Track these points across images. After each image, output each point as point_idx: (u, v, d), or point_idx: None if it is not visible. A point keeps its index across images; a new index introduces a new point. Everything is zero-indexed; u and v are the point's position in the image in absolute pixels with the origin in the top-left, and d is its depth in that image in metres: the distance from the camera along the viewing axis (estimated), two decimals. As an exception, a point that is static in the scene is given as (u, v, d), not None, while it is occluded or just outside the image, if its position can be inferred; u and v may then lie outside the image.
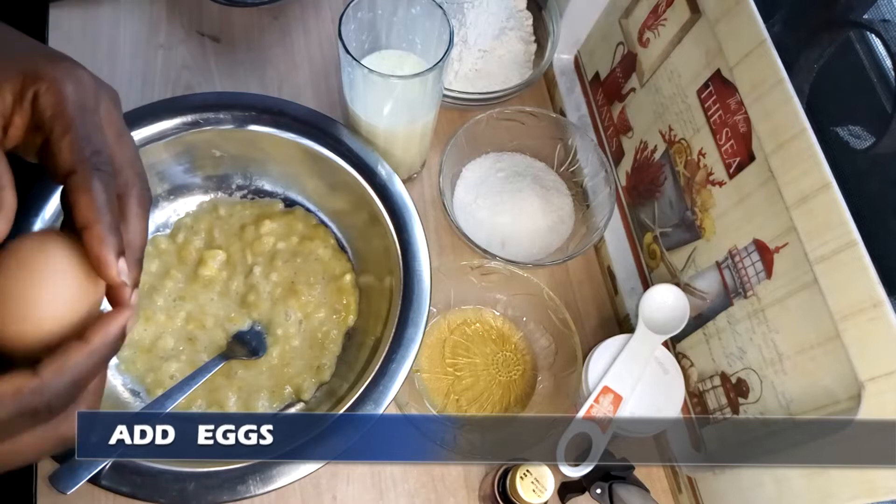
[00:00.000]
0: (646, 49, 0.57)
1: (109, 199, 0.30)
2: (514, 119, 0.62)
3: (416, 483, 0.53)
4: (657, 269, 0.57)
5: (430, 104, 0.54)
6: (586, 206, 0.62)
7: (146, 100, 0.54)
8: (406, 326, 0.48)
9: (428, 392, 0.56)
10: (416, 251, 0.51)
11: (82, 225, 0.30)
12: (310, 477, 0.44)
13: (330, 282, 0.57)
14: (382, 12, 0.52)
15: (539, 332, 0.58)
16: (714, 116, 0.49)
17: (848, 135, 0.50)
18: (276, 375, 0.53)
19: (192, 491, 0.42)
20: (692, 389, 0.52)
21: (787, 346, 0.43)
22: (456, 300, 0.59)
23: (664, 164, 0.55)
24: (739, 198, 0.47)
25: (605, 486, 0.48)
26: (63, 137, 0.31)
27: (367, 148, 0.54)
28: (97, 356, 0.29)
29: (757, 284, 0.45)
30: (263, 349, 0.54)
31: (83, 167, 0.30)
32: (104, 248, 0.29)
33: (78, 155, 0.30)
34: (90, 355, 0.28)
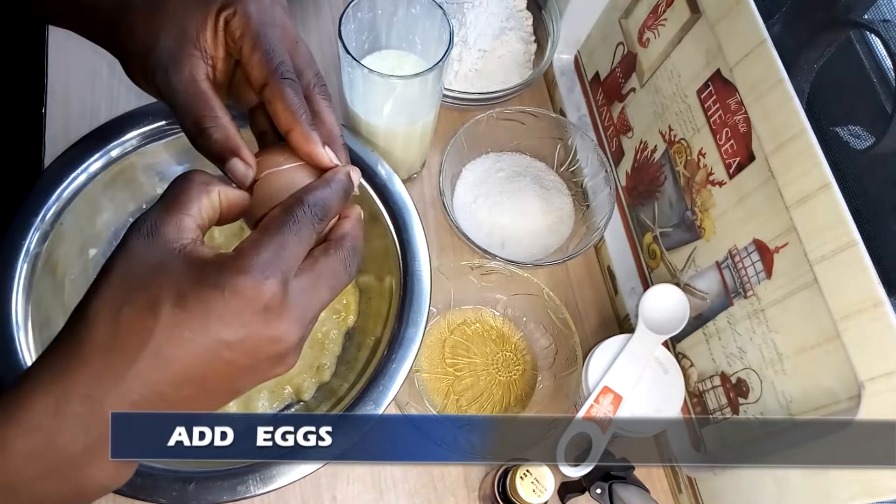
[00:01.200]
0: (646, 49, 0.57)
1: (301, 102, 0.35)
2: (514, 119, 0.62)
3: (416, 483, 0.53)
4: (657, 269, 0.57)
5: (430, 104, 0.54)
6: (586, 206, 0.62)
7: (146, 100, 0.54)
8: (406, 326, 0.48)
9: (428, 392, 0.56)
10: (416, 251, 0.51)
11: (286, 130, 0.35)
12: (310, 477, 0.44)
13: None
14: (382, 12, 0.52)
15: (539, 332, 0.58)
16: (714, 116, 0.49)
17: (848, 135, 0.50)
18: (276, 375, 0.53)
19: (192, 491, 0.42)
20: (692, 389, 0.52)
21: (787, 346, 0.43)
22: (456, 300, 0.59)
23: (664, 164, 0.55)
24: (739, 198, 0.47)
25: (605, 486, 0.48)
26: (252, 55, 0.35)
27: (367, 148, 0.54)
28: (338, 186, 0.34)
29: (757, 284, 0.45)
30: None
31: (274, 79, 0.35)
32: (310, 143, 0.35)
33: (268, 67, 0.35)
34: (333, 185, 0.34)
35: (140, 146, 0.52)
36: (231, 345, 0.28)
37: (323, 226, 0.33)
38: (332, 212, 0.33)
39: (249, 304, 0.28)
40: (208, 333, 0.28)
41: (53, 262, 0.49)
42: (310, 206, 0.32)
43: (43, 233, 0.48)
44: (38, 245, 0.48)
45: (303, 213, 0.31)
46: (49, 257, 0.49)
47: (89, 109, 0.64)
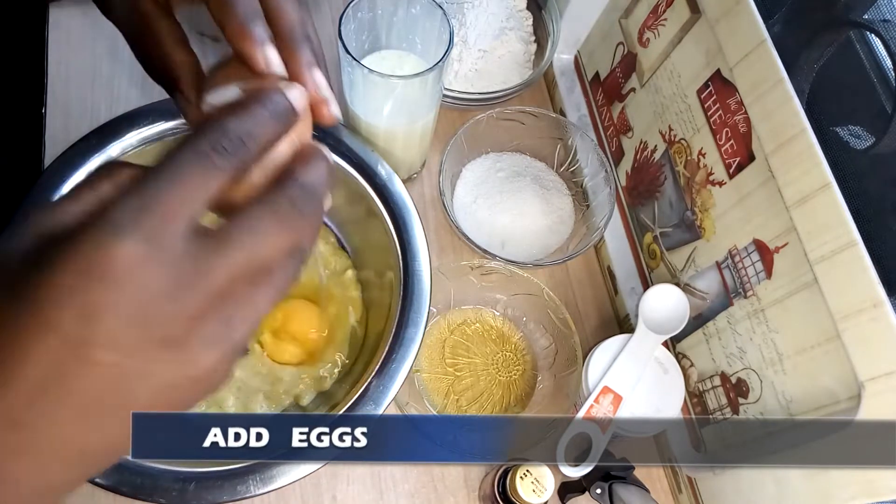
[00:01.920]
0: (646, 49, 0.57)
1: None
2: (514, 119, 0.62)
3: (416, 483, 0.53)
4: (657, 269, 0.57)
5: (430, 104, 0.54)
6: (586, 206, 0.62)
7: (146, 99, 0.54)
8: (406, 326, 0.48)
9: (428, 392, 0.56)
10: (416, 251, 0.51)
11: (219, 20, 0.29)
12: (310, 477, 0.44)
13: (332, 277, 0.57)
14: (382, 12, 0.52)
15: (539, 332, 0.58)
16: (714, 116, 0.49)
17: (848, 135, 0.50)
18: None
19: (192, 491, 0.42)
20: (692, 389, 0.52)
21: (787, 346, 0.43)
22: (456, 300, 0.59)
23: (664, 164, 0.55)
24: (739, 198, 0.47)
25: (605, 486, 0.48)
26: None
27: (367, 148, 0.54)
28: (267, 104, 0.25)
29: (757, 284, 0.45)
30: None
31: None
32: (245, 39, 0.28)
33: None
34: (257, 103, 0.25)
35: (140, 146, 0.52)
36: None
37: (237, 162, 0.23)
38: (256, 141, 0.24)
39: (84, 277, 0.20)
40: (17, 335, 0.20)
41: (53, 262, 0.49)
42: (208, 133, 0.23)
43: (43, 233, 0.48)
44: (37, 245, 0.48)
45: (199, 141, 0.23)
46: (49, 257, 0.48)
47: (89, 109, 0.64)
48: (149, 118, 0.53)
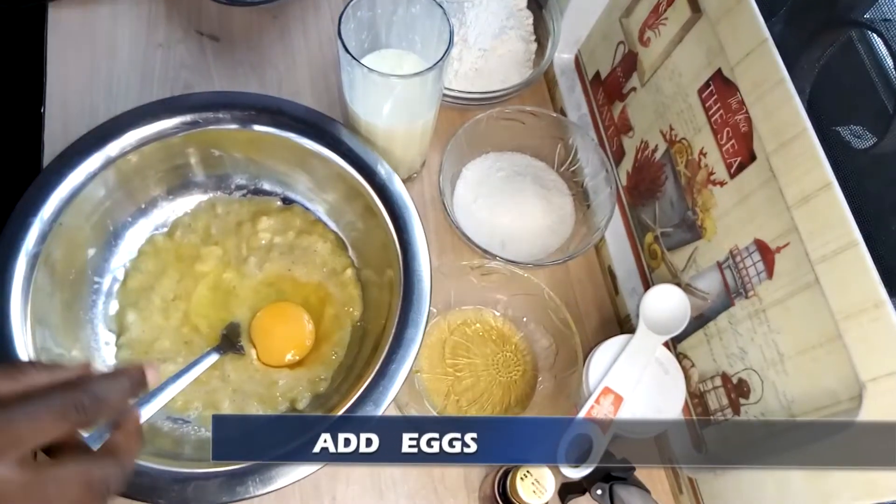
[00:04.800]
0: (647, 48, 0.56)
1: None
2: (515, 119, 0.62)
3: (415, 484, 0.53)
4: (658, 270, 0.57)
5: (429, 103, 0.53)
6: (587, 205, 0.62)
7: (145, 99, 0.54)
8: (406, 326, 0.48)
9: (428, 393, 0.56)
10: (416, 251, 0.51)
11: None
12: (309, 478, 0.44)
13: (331, 276, 0.56)
14: (382, 11, 0.51)
15: (539, 333, 0.58)
16: (715, 116, 0.48)
17: (849, 134, 0.50)
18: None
19: (191, 492, 0.42)
20: (693, 390, 0.52)
21: (789, 347, 0.43)
22: (456, 300, 0.59)
23: (665, 164, 0.55)
24: (740, 198, 0.46)
25: (606, 487, 0.48)
26: None
27: (367, 147, 0.54)
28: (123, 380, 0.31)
29: (758, 285, 0.45)
30: None
31: None
32: None
33: None
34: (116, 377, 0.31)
35: (139, 146, 0.52)
36: None
37: (80, 418, 0.29)
38: (103, 404, 0.29)
39: None
40: None
41: (52, 262, 0.49)
42: (65, 390, 0.28)
43: (41, 232, 0.48)
44: (36, 245, 0.48)
45: (56, 393, 0.28)
46: (48, 257, 0.48)
47: (88, 109, 0.64)
48: (147, 118, 0.53)
